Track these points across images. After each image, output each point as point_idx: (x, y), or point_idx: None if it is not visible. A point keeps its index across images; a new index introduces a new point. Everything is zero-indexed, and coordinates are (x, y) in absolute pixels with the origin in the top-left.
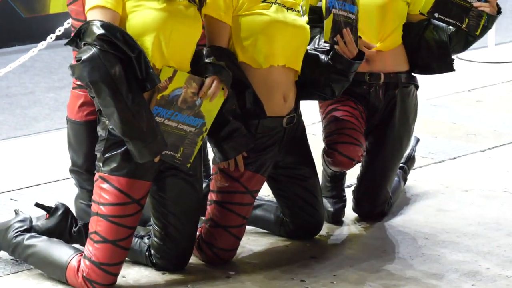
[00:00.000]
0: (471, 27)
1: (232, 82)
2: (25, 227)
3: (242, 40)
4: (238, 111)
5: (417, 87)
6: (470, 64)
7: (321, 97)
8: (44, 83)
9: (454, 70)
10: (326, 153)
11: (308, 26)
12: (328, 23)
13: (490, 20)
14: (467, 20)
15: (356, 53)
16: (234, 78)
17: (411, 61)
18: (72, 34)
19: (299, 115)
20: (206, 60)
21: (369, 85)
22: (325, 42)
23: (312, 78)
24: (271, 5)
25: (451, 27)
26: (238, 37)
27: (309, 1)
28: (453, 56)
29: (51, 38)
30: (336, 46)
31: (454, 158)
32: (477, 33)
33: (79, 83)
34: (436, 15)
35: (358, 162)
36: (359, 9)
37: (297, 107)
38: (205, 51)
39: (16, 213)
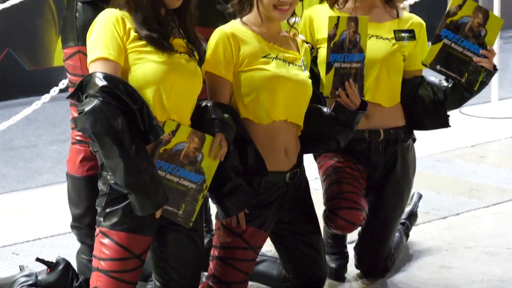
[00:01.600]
0: (470, 82)
1: (234, 138)
2: (30, 282)
3: (244, 96)
4: (240, 168)
5: (414, 140)
6: (473, 119)
7: (326, 149)
8: (47, 136)
9: (449, 126)
10: (328, 217)
11: (310, 81)
12: (328, 78)
13: (488, 76)
14: (466, 74)
15: (359, 103)
16: (236, 134)
17: (406, 117)
18: (70, 90)
19: (303, 171)
20: (213, 116)
21: (369, 142)
22: (325, 96)
23: (316, 131)
24: (272, 60)
25: (444, 84)
26: (239, 93)
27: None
28: (449, 112)
29: (54, 91)
30: (338, 99)
31: (458, 214)
32: (475, 88)
33: (78, 138)
34: (438, 67)
35: (360, 226)
36: None
37: (300, 162)
38: (209, 105)
39: (21, 268)
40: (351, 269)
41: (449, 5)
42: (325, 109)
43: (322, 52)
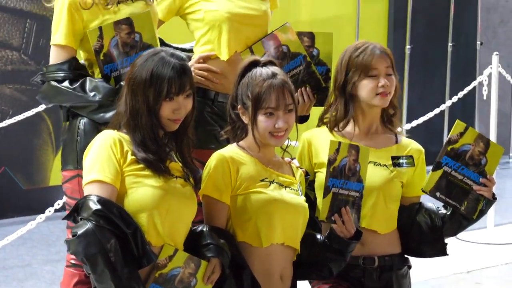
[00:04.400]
0: (469, 210)
1: (230, 263)
2: None
3: (242, 219)
4: None
5: (410, 267)
6: (469, 245)
7: (319, 276)
8: (41, 255)
9: (447, 254)
10: None
11: (306, 205)
12: (325, 202)
13: (488, 204)
14: (466, 202)
15: (354, 232)
16: (232, 259)
17: (403, 243)
18: (67, 212)
19: None
20: (208, 241)
21: (364, 269)
22: (321, 221)
23: (309, 258)
24: (269, 184)
25: (443, 211)
26: (237, 216)
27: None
28: (446, 240)
29: (49, 211)
30: (333, 225)
31: None
32: (474, 217)
33: (73, 261)
34: (438, 194)
35: None
36: None
37: (293, 287)
38: (205, 229)
39: None
40: None
41: (451, 132)
42: (318, 236)
43: (320, 177)
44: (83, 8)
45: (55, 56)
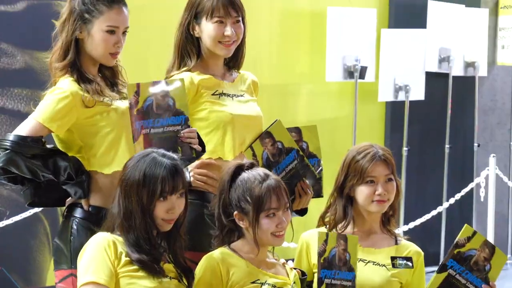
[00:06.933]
0: None
1: None
2: None
3: None
4: None
5: None
6: None
7: None
8: None
9: None
10: None
11: None
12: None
13: None
14: None
15: None
16: None
17: None
18: None
19: None
20: None
21: None
22: None
23: None
24: (261, 286)
25: None
26: None
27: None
28: None
29: None
30: None
31: None
32: None
33: None
34: None
35: None
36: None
37: None
38: None
39: None
40: None
41: (458, 236)
42: None
43: None
44: (86, 106)
45: (29, 130)
